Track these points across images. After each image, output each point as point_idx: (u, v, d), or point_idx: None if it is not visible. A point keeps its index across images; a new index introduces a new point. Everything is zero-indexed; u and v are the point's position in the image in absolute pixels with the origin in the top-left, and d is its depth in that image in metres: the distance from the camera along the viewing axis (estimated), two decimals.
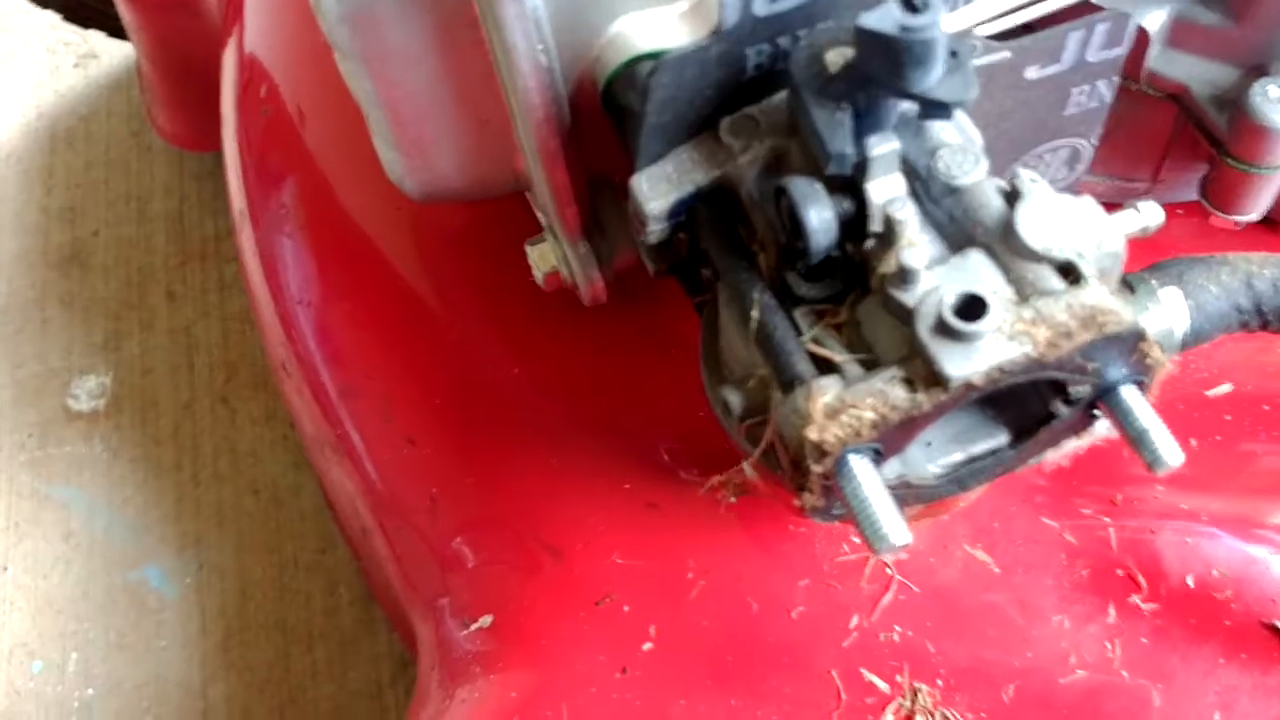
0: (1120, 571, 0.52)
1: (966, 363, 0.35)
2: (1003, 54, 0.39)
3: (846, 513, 0.37)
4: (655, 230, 0.43)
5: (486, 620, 0.56)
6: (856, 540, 0.53)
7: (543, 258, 0.53)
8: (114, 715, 0.83)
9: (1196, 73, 0.55)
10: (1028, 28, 0.46)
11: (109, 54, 1.09)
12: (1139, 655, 0.51)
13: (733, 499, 0.43)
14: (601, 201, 0.52)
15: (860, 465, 0.36)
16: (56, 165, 1.06)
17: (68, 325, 0.99)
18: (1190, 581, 0.51)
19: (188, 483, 0.91)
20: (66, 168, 1.06)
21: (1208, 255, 0.44)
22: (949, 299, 0.35)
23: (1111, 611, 0.51)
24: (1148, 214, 0.39)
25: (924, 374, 0.35)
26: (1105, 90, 0.49)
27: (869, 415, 0.35)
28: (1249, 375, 0.61)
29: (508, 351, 0.61)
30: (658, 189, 0.42)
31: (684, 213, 0.42)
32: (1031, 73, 0.46)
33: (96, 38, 1.06)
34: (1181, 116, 0.57)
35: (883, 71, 0.35)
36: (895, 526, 0.35)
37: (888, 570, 0.52)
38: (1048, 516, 0.53)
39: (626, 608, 0.54)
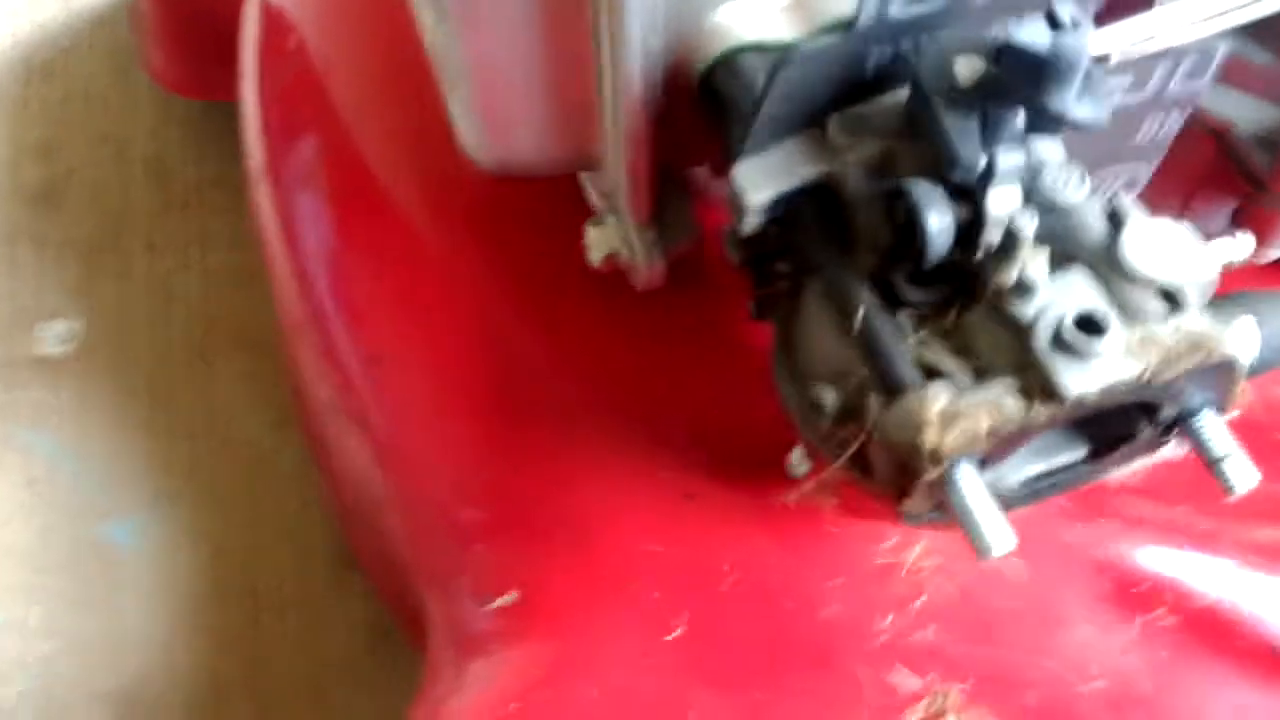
0: (1144, 587, 0.53)
1: (1084, 378, 0.36)
2: (1123, 78, 0.40)
3: (946, 518, 0.37)
4: (752, 222, 0.42)
5: (510, 597, 0.55)
6: (890, 544, 0.54)
7: (604, 238, 0.52)
8: (76, 672, 0.80)
9: (1243, 110, 0.57)
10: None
11: None
12: (1158, 668, 0.52)
13: (832, 503, 0.43)
14: (666, 188, 0.52)
15: (968, 474, 0.36)
16: (31, 99, 1.02)
17: (38, 266, 0.95)
18: (1210, 601, 0.53)
19: (160, 436, 0.88)
20: (42, 101, 1.02)
21: (1274, 290, 0.46)
22: (1070, 315, 0.36)
23: (1135, 625, 0.53)
24: (1242, 244, 0.41)
25: (1039, 386, 0.36)
26: (1175, 121, 0.50)
27: (985, 424, 0.36)
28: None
29: (545, 329, 0.60)
30: (759, 180, 0.42)
31: (782, 206, 0.42)
32: (1116, 99, 0.47)
33: None
34: (1220, 153, 0.59)
35: (1025, 85, 0.36)
36: (1000, 533, 0.36)
37: (921, 575, 0.53)
38: (1076, 531, 0.55)
39: (657, 594, 0.54)
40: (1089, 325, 0.36)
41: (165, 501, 0.86)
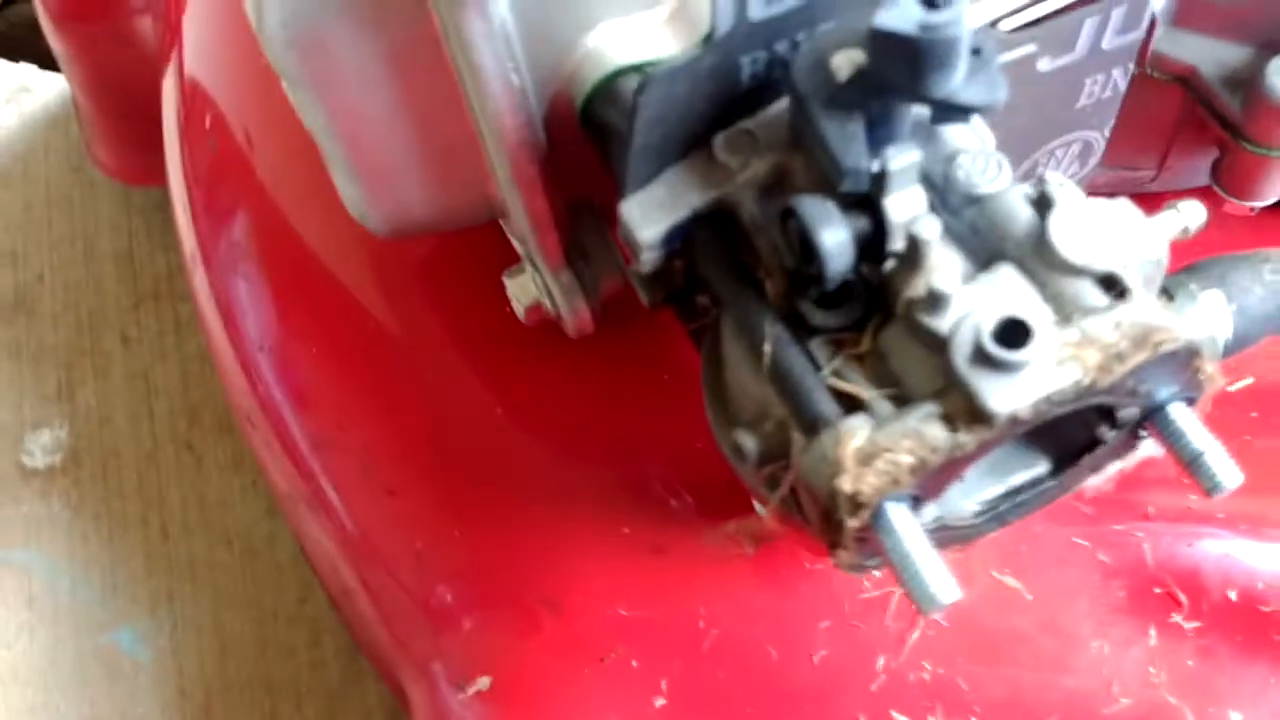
0: (1159, 589, 0.49)
1: (1011, 395, 0.31)
2: (1027, 48, 0.35)
3: (885, 565, 0.33)
4: (648, 259, 0.39)
5: (484, 682, 0.52)
6: (878, 575, 0.50)
7: (523, 289, 0.49)
8: None
9: (1205, 53, 0.52)
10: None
11: (43, 87, 1.04)
12: (1185, 678, 0.47)
13: (750, 550, 0.40)
14: (583, 226, 0.48)
15: (899, 515, 0.32)
16: None
17: (17, 377, 0.94)
18: (1233, 595, 0.48)
19: (156, 537, 0.86)
20: (4, 210, 1.01)
21: (1248, 253, 0.41)
22: (988, 325, 0.32)
23: (1153, 633, 0.48)
24: (1188, 214, 0.36)
25: (964, 409, 0.32)
26: (1120, 78, 0.46)
27: (906, 459, 0.32)
28: (1269, 366, 0.58)
29: (489, 390, 0.57)
30: (649, 215, 0.38)
31: (679, 239, 0.39)
32: (1044, 65, 0.43)
33: (28, 70, 1.01)
34: (1189, 100, 0.54)
35: (901, 75, 0.32)
36: (943, 582, 0.32)
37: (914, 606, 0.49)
38: (1078, 535, 0.50)
39: (635, 663, 0.50)
40: (1012, 333, 0.32)
41: (168, 603, 0.84)
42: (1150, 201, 0.58)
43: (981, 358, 0.32)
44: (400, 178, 0.45)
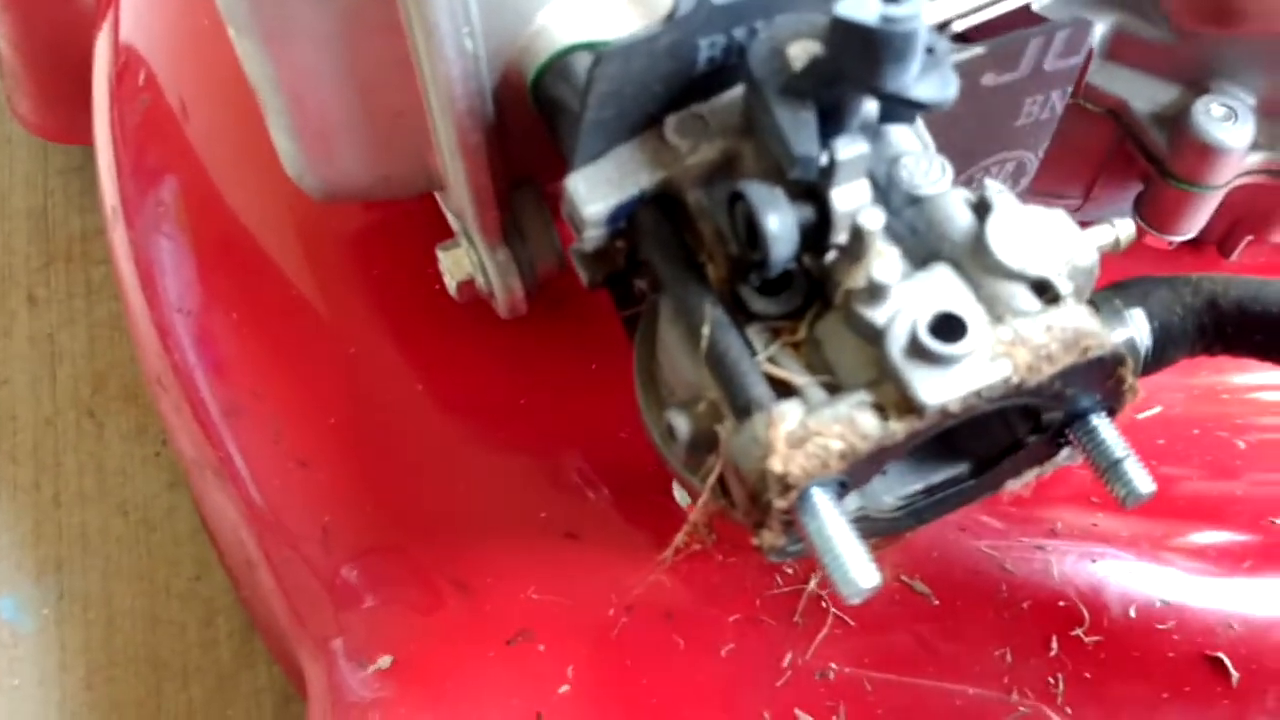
0: (1062, 603, 0.50)
1: (943, 387, 0.32)
2: (974, 51, 0.36)
3: (807, 551, 0.33)
4: (592, 236, 0.39)
5: (385, 661, 0.51)
6: (790, 572, 0.50)
7: (456, 264, 0.48)
8: None
9: (1136, 88, 0.54)
10: (983, 34, 0.44)
11: None
12: (1083, 690, 0.48)
13: (712, 539, 0.39)
14: (523, 205, 0.48)
15: (824, 501, 0.32)
16: None
17: None
18: (1133, 612, 0.50)
19: (48, 503, 0.83)
20: None
21: (1172, 276, 0.42)
22: (924, 318, 0.32)
23: (1054, 645, 0.49)
24: (1121, 228, 0.37)
25: (896, 399, 0.32)
26: (1058, 101, 0.47)
27: (836, 445, 0.32)
28: (1177, 397, 0.60)
29: (411, 366, 0.56)
30: (596, 191, 0.38)
31: (624, 218, 0.39)
32: (988, 79, 0.44)
33: None
34: (1119, 133, 0.55)
35: (857, 66, 0.32)
36: (863, 568, 0.32)
37: (823, 604, 0.49)
38: (987, 545, 0.51)
39: (542, 647, 0.50)
40: (947, 328, 0.32)
41: (55, 573, 0.81)
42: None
43: (916, 350, 0.32)
44: (342, 139, 0.44)
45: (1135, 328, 0.40)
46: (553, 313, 0.54)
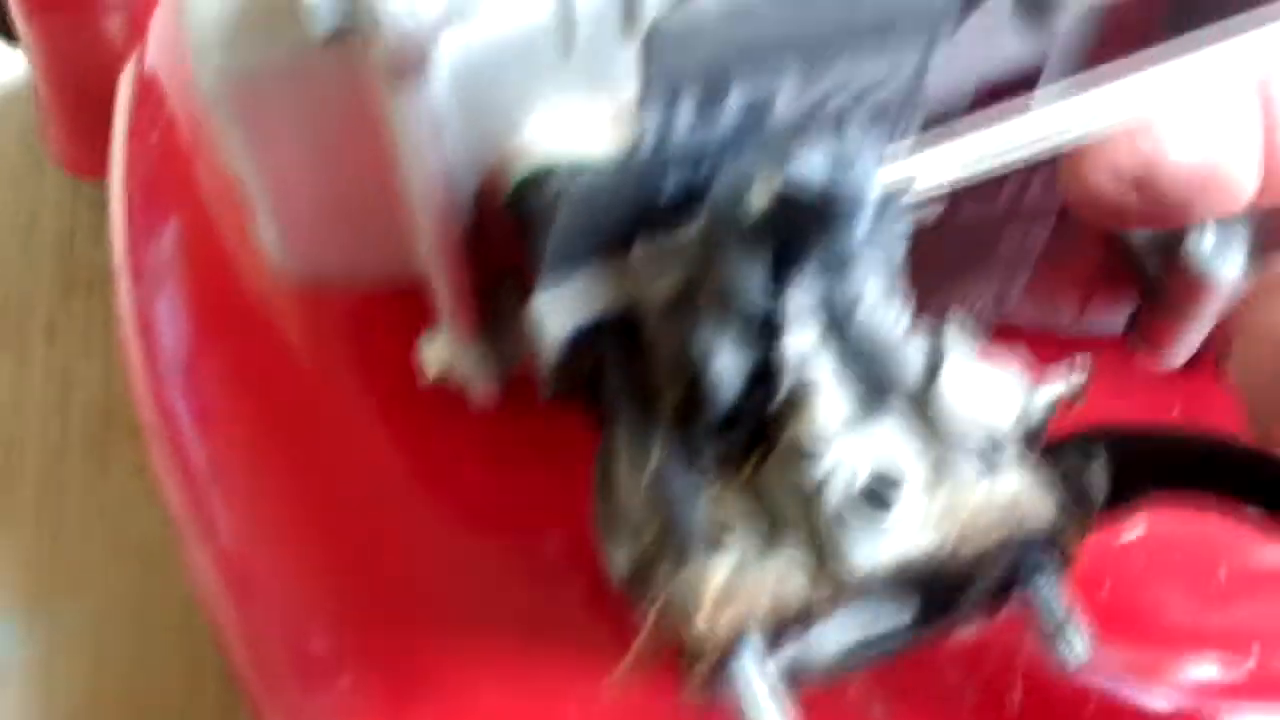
0: None
1: (872, 553, 0.32)
2: (936, 209, 0.36)
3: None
4: (551, 356, 0.39)
5: None
6: None
7: (436, 356, 0.49)
8: None
9: None
10: None
11: (6, 60, 1.03)
12: None
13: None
14: (504, 300, 0.49)
15: (748, 662, 0.32)
16: None
17: None
18: None
19: (48, 537, 0.84)
20: None
21: (1138, 424, 0.42)
22: (858, 479, 0.32)
23: None
24: (1073, 384, 0.37)
25: (826, 560, 0.32)
26: (1040, 231, 0.46)
27: (763, 605, 0.32)
28: (1161, 517, 0.59)
29: (394, 442, 0.56)
30: (557, 314, 0.38)
31: (585, 340, 0.39)
32: (964, 212, 0.44)
33: None
34: (1112, 253, 0.55)
35: (805, 225, 0.32)
36: None
37: None
38: (951, 669, 0.50)
39: None
40: (881, 490, 0.32)
41: (49, 606, 0.82)
42: (1069, 344, 0.59)
43: (848, 511, 0.32)
44: (324, 232, 0.45)
45: (1092, 478, 0.40)
46: (539, 401, 0.54)
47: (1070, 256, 0.56)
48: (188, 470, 0.60)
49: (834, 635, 0.37)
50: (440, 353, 0.48)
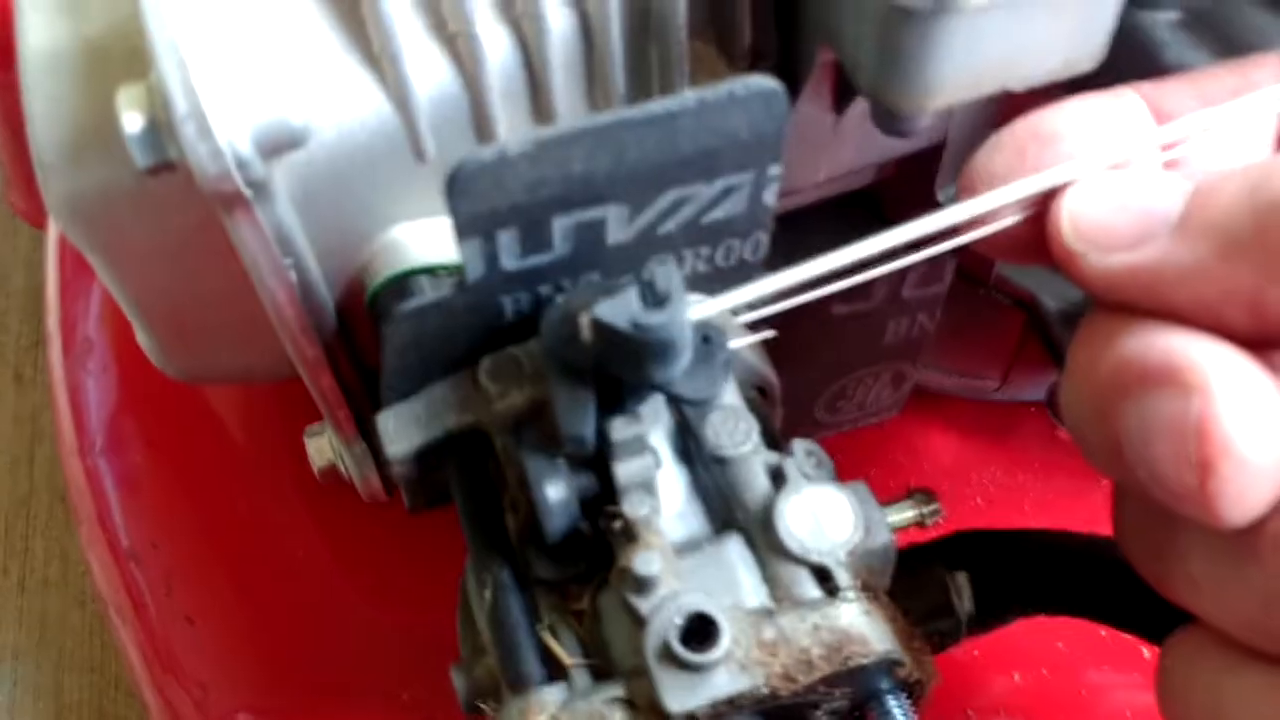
0: None
1: (690, 696, 0.31)
2: (766, 333, 0.35)
3: None
4: (400, 472, 0.39)
5: None
6: None
7: (319, 452, 0.48)
8: None
9: (1045, 283, 0.52)
10: None
11: None
12: None
13: None
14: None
15: None
16: None
17: None
18: None
19: (13, 589, 0.85)
20: None
21: (1005, 530, 0.41)
22: (678, 619, 0.32)
23: None
24: (925, 505, 0.36)
25: (647, 700, 0.32)
26: (926, 321, 0.46)
27: None
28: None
29: (309, 528, 0.56)
30: (403, 430, 0.38)
31: (436, 456, 0.38)
32: (839, 309, 0.43)
33: None
34: (1028, 323, 0.54)
35: (619, 363, 0.32)
36: None
37: None
38: None
39: None
40: (700, 630, 0.31)
41: (12, 660, 0.83)
42: (997, 409, 0.58)
43: (668, 652, 0.31)
44: (200, 339, 0.45)
45: (957, 594, 0.39)
46: None
47: (990, 326, 0.55)
48: (113, 548, 0.60)
49: None
50: (323, 449, 0.48)
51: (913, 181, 0.46)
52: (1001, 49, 0.33)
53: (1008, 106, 0.39)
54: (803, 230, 0.41)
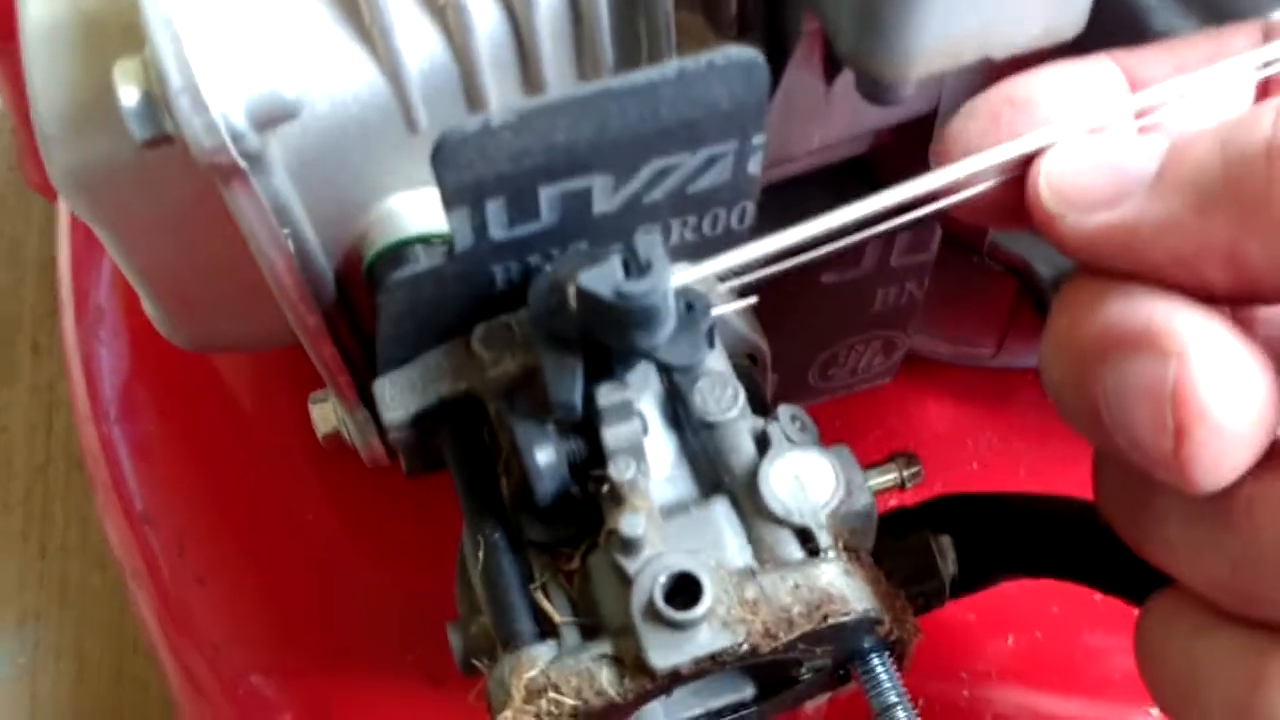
0: None
1: (674, 652, 0.32)
2: (749, 300, 0.36)
3: None
4: (397, 438, 0.40)
5: None
6: None
7: (323, 418, 0.49)
8: None
9: (1037, 250, 0.53)
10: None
11: None
12: None
13: None
14: None
15: None
16: None
17: None
18: None
19: (34, 553, 0.87)
20: None
21: (987, 494, 0.41)
22: (662, 579, 0.32)
23: None
24: (905, 471, 0.37)
25: (633, 657, 0.33)
26: (915, 289, 0.46)
27: (569, 701, 0.32)
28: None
29: (317, 492, 0.58)
30: (399, 397, 0.39)
31: (431, 422, 0.39)
32: (828, 277, 0.44)
33: None
34: (1021, 290, 0.54)
35: (604, 331, 0.32)
36: None
37: None
38: None
39: None
40: (684, 589, 0.32)
41: (34, 621, 0.85)
42: (993, 376, 0.59)
43: (653, 610, 0.32)
44: (205, 308, 0.46)
45: (941, 556, 0.40)
46: None
47: (984, 293, 0.56)
48: (127, 511, 0.61)
49: (674, 710, 0.38)
50: (327, 416, 0.49)
51: (909, 149, 0.47)
52: (981, 16, 0.33)
53: (1001, 74, 0.39)
54: (798, 199, 0.41)
